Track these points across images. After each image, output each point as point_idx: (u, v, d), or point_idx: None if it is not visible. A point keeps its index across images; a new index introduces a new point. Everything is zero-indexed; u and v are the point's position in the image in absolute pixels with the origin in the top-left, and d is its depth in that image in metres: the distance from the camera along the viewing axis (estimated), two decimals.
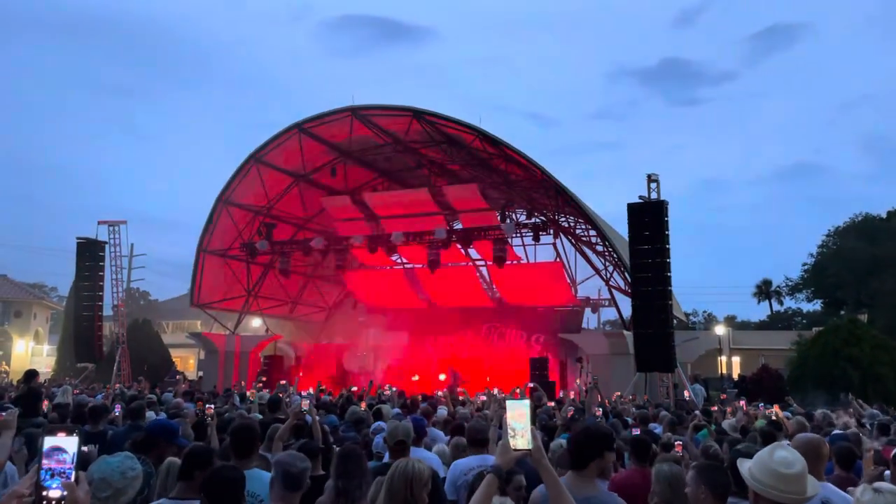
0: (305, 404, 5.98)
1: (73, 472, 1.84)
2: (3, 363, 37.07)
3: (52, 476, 1.83)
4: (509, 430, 2.45)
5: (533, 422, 2.46)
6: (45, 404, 9.54)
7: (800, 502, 2.44)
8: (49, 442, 1.86)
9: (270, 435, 5.84)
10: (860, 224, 43.60)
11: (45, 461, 1.83)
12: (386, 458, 4.95)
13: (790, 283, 48.50)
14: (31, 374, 10.85)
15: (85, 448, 1.97)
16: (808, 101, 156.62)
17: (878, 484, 2.11)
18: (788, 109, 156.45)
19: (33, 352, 40.57)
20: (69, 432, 1.89)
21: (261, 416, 7.74)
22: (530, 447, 2.43)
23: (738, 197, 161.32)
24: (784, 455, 2.47)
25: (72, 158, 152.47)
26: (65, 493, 1.81)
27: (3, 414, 4.44)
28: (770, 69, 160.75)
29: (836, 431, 6.85)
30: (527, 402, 2.47)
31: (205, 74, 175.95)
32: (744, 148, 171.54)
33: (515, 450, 2.44)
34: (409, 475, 2.96)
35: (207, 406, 6.63)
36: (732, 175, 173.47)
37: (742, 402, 10.85)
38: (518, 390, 14.30)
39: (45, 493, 1.81)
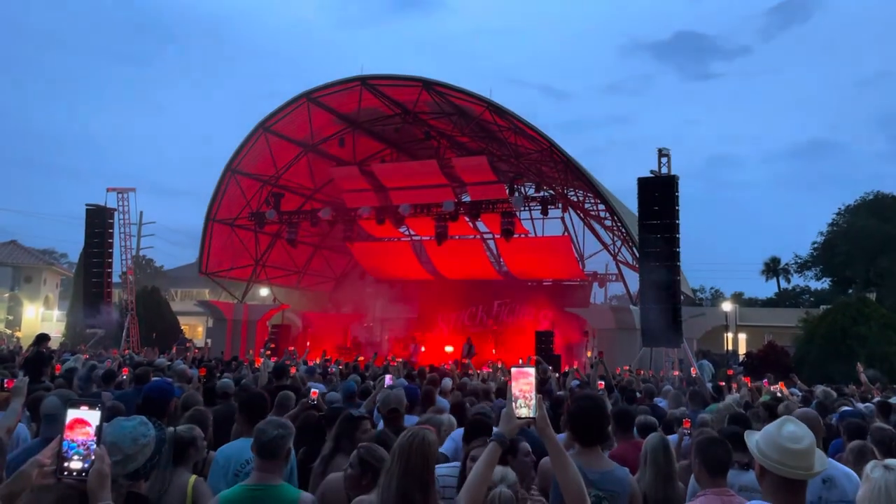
0: (315, 394, 5.96)
1: (95, 445, 1.85)
2: (16, 329, 37.47)
3: (74, 448, 1.83)
4: (513, 399, 2.42)
5: (538, 391, 2.44)
6: (59, 368, 9.64)
7: (807, 478, 2.41)
8: (72, 414, 1.86)
9: (280, 402, 5.88)
10: (871, 202, 43.12)
11: (67, 433, 1.84)
12: (380, 427, 4.99)
13: (799, 261, 48.21)
14: (40, 338, 10.94)
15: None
16: (824, 77, 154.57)
17: (889, 461, 2.08)
18: (803, 85, 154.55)
19: (43, 317, 40.92)
20: (92, 406, 1.89)
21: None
22: (534, 415, 2.40)
23: (751, 173, 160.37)
24: (793, 430, 2.43)
25: (82, 126, 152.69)
26: (85, 464, 1.81)
27: (14, 381, 4.50)
28: (785, 44, 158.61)
29: (846, 408, 6.83)
30: (532, 369, 2.44)
31: (215, 43, 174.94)
32: (757, 124, 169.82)
33: (519, 418, 2.41)
34: (426, 449, 2.80)
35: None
36: (745, 151, 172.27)
37: (747, 379, 10.84)
38: (521, 362, 14.38)
39: (66, 463, 1.82)
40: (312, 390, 6.10)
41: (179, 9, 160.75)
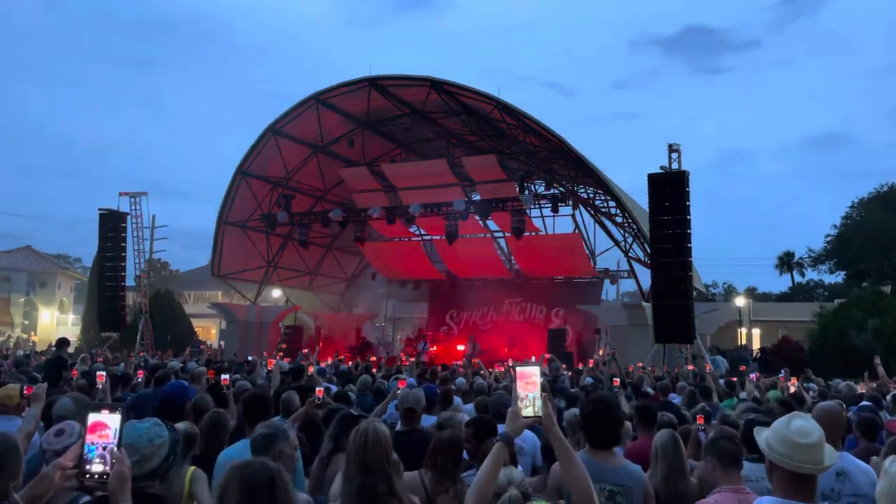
0: (320, 392, 5.98)
1: (116, 448, 1.89)
2: (32, 332, 37.83)
3: (96, 450, 1.87)
4: (519, 397, 2.41)
5: (545, 389, 2.42)
6: (75, 373, 9.71)
7: (816, 472, 2.41)
8: (92, 418, 1.90)
9: (284, 404, 5.89)
10: (886, 195, 42.63)
11: (88, 436, 1.88)
12: (398, 427, 4.99)
13: (812, 255, 47.77)
14: (61, 342, 11.05)
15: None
16: (835, 69, 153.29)
17: None
18: (814, 78, 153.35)
19: (58, 321, 41.29)
20: (112, 409, 1.93)
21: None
22: (540, 414, 2.39)
23: (762, 168, 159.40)
24: (801, 424, 2.44)
25: (94, 130, 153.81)
26: (107, 467, 1.85)
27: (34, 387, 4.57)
28: (795, 36, 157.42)
29: (865, 403, 6.78)
30: (537, 367, 2.43)
31: (224, 45, 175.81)
32: (768, 118, 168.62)
33: (525, 417, 2.39)
34: (381, 440, 2.70)
35: (223, 377, 6.68)
36: (756, 145, 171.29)
37: (753, 375, 10.70)
38: (533, 359, 14.34)
39: (88, 466, 1.86)
40: (318, 389, 6.10)
41: (189, 11, 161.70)
